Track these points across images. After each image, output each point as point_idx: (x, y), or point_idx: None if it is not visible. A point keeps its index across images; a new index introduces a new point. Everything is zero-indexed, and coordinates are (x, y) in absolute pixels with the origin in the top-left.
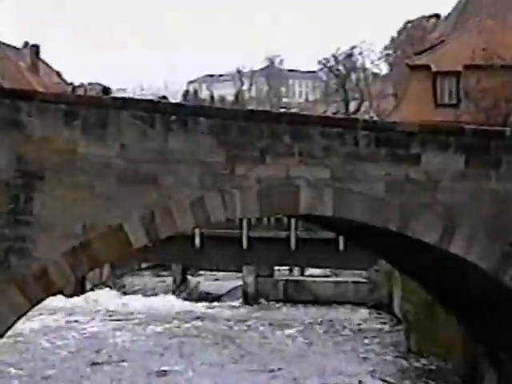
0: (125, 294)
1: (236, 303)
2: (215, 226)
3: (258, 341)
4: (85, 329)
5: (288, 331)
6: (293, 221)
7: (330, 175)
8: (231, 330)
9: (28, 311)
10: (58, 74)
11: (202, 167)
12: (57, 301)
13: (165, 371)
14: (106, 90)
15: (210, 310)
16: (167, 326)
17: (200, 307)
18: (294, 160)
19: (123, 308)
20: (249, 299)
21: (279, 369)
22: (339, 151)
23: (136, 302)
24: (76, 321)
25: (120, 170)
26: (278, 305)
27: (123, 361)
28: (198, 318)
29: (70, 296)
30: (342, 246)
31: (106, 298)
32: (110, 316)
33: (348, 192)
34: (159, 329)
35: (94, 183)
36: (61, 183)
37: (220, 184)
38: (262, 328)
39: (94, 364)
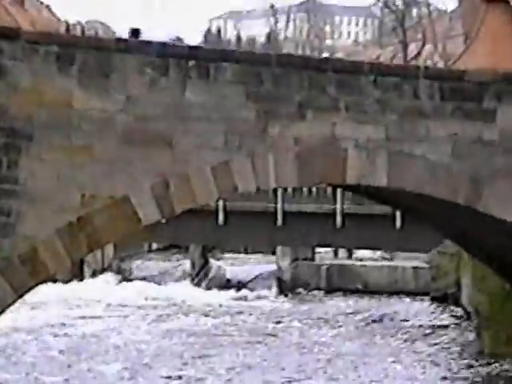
0: (132, 281)
1: (268, 293)
2: (243, 197)
3: (297, 341)
4: (83, 325)
5: (333, 329)
6: (338, 192)
7: (384, 135)
8: (262, 326)
9: (13, 303)
10: (49, 8)
11: (226, 125)
12: (49, 290)
13: (180, 377)
14: (135, 32)
15: (235, 302)
16: (183, 321)
17: (224, 298)
18: (340, 116)
19: (130, 299)
20: (284, 288)
21: (325, 374)
22: (396, 106)
23: (145, 292)
24: (72, 315)
25: (126, 129)
26: (319, 295)
27: (129, 365)
28: (221, 311)
29: (66, 282)
30: (398, 223)
31: (108, 286)
32: (113, 309)
33: (406, 156)
34: (174, 325)
35: (93, 145)
36: (53, 144)
37: (249, 146)
38: (300, 324)
39: (91, 369)
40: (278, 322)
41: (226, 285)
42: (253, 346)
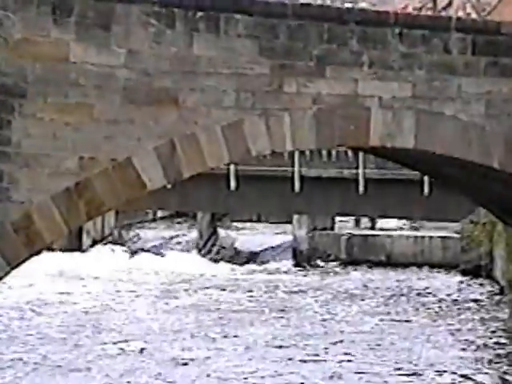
0: (135, 252)
1: (283, 265)
2: (257, 161)
3: (315, 317)
4: (81, 302)
5: (355, 304)
6: (361, 155)
7: (411, 93)
8: (277, 301)
9: (5, 276)
10: None
11: (238, 82)
12: (44, 261)
13: (187, 359)
14: None
15: (247, 275)
16: (191, 296)
17: (234, 271)
18: (363, 73)
19: (132, 272)
20: (301, 260)
21: (346, 355)
22: (424, 61)
23: (149, 264)
24: (69, 290)
25: (128, 85)
26: (339, 267)
27: (132, 345)
28: (231, 285)
29: (64, 251)
30: (426, 190)
31: (109, 257)
32: (114, 283)
33: (435, 116)
34: (180, 301)
35: (92, 102)
36: (48, 102)
37: (263, 104)
38: (319, 299)
39: (91, 350)
40: (295, 297)
41: (237, 256)
42: (269, 322)
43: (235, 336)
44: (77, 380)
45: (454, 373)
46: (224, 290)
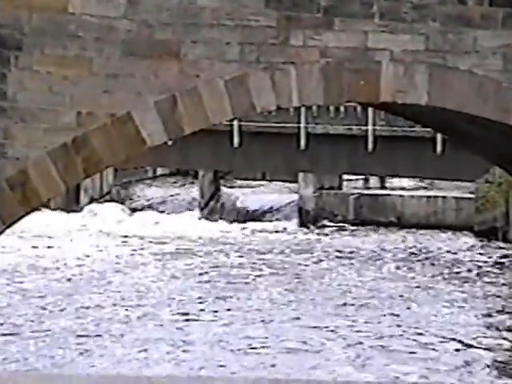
0: (134, 210)
1: (289, 225)
2: (261, 117)
3: (322, 280)
4: (77, 265)
5: (365, 269)
6: (370, 111)
7: (424, 46)
8: (282, 263)
9: (0, 234)
10: None
11: (243, 34)
12: (40, 219)
13: (189, 320)
14: None
15: (251, 236)
16: (192, 258)
17: (237, 231)
18: (373, 24)
19: (131, 231)
20: (307, 220)
21: (353, 318)
22: (438, 12)
23: (148, 224)
24: (65, 252)
25: (128, 37)
26: (347, 228)
27: (132, 310)
28: (235, 246)
29: (62, 210)
30: (439, 148)
31: (107, 215)
32: (112, 244)
33: (450, 71)
34: (181, 263)
35: (91, 55)
36: (45, 55)
37: (269, 58)
38: (326, 261)
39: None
40: (301, 258)
41: (240, 215)
42: (277, 287)
43: (238, 299)
44: (80, 346)
45: (469, 338)
46: (225, 251)
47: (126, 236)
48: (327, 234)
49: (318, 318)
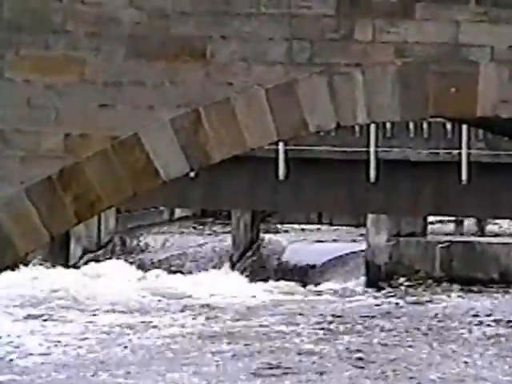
0: (143, 268)
1: (352, 285)
2: (315, 139)
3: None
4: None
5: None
6: (464, 129)
7: None
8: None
9: None
10: None
11: (291, 26)
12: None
13: None
14: None
15: (300, 302)
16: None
17: (281, 294)
18: (466, 12)
19: (141, 299)
20: (377, 278)
21: None
22: None
23: (163, 287)
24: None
25: (135, 32)
26: (433, 289)
27: None
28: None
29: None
30: None
31: (109, 277)
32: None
33: None
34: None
35: (84, 56)
36: (21, 57)
37: (326, 58)
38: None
39: None
40: (373, 337)
41: (286, 273)
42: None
43: None
44: None
45: None
46: (268, 323)
47: (130, 304)
48: (405, 298)
49: None
